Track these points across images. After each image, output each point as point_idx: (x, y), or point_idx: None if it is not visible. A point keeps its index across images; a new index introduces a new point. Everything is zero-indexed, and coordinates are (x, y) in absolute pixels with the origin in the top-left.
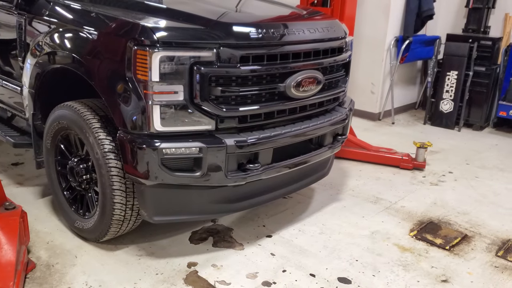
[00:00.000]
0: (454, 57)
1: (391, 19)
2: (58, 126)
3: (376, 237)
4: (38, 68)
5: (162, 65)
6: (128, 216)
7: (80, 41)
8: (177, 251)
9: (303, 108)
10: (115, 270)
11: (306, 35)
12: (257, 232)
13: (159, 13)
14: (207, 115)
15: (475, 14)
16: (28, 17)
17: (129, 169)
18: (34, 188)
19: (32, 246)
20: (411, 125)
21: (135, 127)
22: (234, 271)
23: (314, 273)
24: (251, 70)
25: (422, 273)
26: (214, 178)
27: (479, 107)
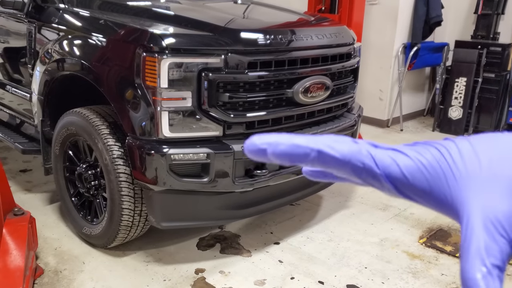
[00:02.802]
0: (463, 63)
1: (399, 25)
2: (66, 132)
3: (385, 244)
4: (47, 75)
5: (171, 72)
6: (136, 222)
7: (89, 48)
8: (184, 258)
9: (311, 114)
10: (122, 276)
11: (314, 41)
12: (265, 239)
13: (167, 20)
14: (215, 121)
15: (484, 20)
16: (38, 24)
17: (137, 175)
18: (42, 194)
19: (40, 252)
20: (419, 132)
21: (144, 133)
22: (242, 278)
23: (322, 281)
24: (259, 76)
25: (432, 281)
26: (221, 184)
27: (489, 114)
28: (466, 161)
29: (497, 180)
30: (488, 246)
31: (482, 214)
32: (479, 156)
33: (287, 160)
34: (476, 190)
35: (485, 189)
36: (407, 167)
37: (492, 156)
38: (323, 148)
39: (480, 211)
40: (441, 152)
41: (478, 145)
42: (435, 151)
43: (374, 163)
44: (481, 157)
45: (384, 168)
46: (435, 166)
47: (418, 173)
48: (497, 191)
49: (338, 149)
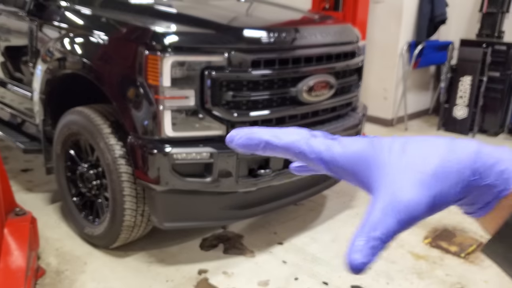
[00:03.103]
0: (468, 62)
1: (403, 24)
2: (68, 131)
3: (389, 245)
4: (48, 74)
5: (173, 70)
6: (139, 222)
7: (90, 47)
8: (187, 258)
9: (315, 113)
10: (124, 277)
11: (318, 39)
12: (268, 239)
13: (170, 18)
14: (218, 120)
15: (489, 19)
16: (39, 23)
17: (140, 174)
18: (43, 194)
19: (42, 253)
20: (424, 131)
21: (146, 132)
22: (245, 278)
23: (326, 281)
24: (262, 74)
25: (437, 281)
26: (224, 184)
27: (494, 113)
28: (391, 154)
29: (410, 173)
30: (381, 221)
31: (387, 197)
32: (404, 152)
33: (246, 149)
34: (390, 176)
35: (398, 178)
36: (338, 152)
37: (414, 153)
38: (269, 139)
39: (385, 194)
40: (373, 144)
41: (408, 144)
42: (368, 142)
43: (308, 149)
44: (405, 153)
45: (317, 153)
46: (362, 153)
47: (345, 158)
48: (408, 182)
49: (281, 138)
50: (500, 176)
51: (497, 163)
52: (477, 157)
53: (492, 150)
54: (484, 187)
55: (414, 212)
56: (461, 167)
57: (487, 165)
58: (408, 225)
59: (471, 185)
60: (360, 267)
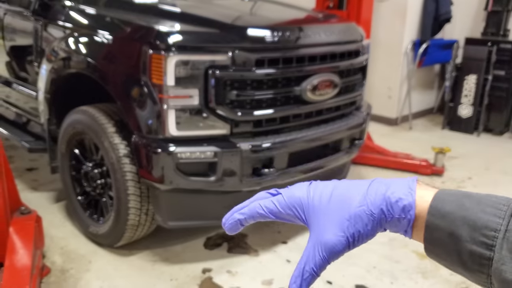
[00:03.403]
0: (473, 61)
1: (408, 22)
2: (73, 131)
3: (394, 244)
4: (53, 73)
5: (177, 69)
6: (143, 221)
7: (95, 46)
8: (191, 257)
9: (319, 112)
10: (129, 276)
11: (322, 38)
12: (272, 239)
13: (174, 17)
14: (222, 119)
15: (494, 17)
16: (44, 22)
17: (144, 173)
18: (48, 193)
19: (47, 251)
20: (429, 130)
21: (150, 131)
22: (249, 277)
23: (330, 280)
24: (266, 73)
25: (441, 281)
26: (228, 183)
27: (499, 111)
28: (321, 200)
29: (332, 218)
30: (310, 257)
31: (316, 237)
32: (331, 198)
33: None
34: (319, 220)
35: (324, 221)
36: (281, 204)
37: (337, 200)
38: (239, 217)
39: (315, 235)
40: (309, 191)
41: (335, 190)
42: (306, 190)
43: (262, 210)
44: (331, 200)
45: (269, 210)
46: (301, 200)
47: (287, 207)
48: (329, 225)
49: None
50: (403, 210)
51: (399, 201)
52: (384, 199)
53: (396, 189)
54: (395, 220)
55: (334, 250)
56: (372, 210)
57: (391, 203)
58: (332, 259)
59: (383, 222)
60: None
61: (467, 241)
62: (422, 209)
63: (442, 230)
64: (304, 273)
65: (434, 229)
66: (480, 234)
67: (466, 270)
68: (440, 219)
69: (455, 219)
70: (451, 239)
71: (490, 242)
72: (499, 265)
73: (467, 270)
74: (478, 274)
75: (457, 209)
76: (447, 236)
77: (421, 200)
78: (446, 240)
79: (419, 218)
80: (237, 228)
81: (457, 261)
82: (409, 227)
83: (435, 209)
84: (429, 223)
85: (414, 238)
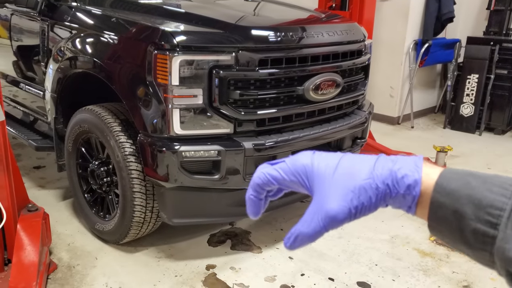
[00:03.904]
0: (475, 60)
1: (410, 22)
2: (79, 129)
3: (395, 242)
4: (60, 73)
5: (182, 69)
6: (148, 218)
7: (101, 46)
8: (195, 254)
9: (321, 111)
10: (134, 272)
11: (325, 38)
12: (275, 236)
13: (178, 17)
14: (226, 118)
15: (497, 16)
16: (51, 23)
17: (149, 171)
18: (55, 190)
19: (54, 248)
20: (430, 129)
21: (155, 130)
22: (253, 274)
23: (333, 277)
24: (269, 73)
25: (443, 278)
26: (232, 181)
27: (501, 110)
28: (327, 169)
29: (338, 188)
30: (309, 221)
31: (318, 204)
32: (337, 168)
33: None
34: (323, 188)
35: (328, 190)
36: (285, 170)
37: (343, 171)
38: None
39: (317, 202)
40: (314, 158)
41: (342, 161)
42: (311, 157)
43: (266, 177)
44: (337, 170)
45: (273, 177)
46: (306, 166)
47: (290, 174)
48: (333, 194)
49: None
50: (409, 187)
51: (405, 177)
52: (391, 174)
53: (402, 165)
54: (399, 196)
55: (335, 219)
56: (378, 184)
57: (397, 179)
58: (330, 227)
59: (387, 197)
60: (289, 249)
61: (472, 219)
62: (428, 186)
63: (446, 207)
64: (299, 234)
65: (438, 207)
66: (485, 212)
67: (469, 248)
68: (445, 197)
69: (460, 197)
70: (455, 217)
71: (494, 221)
72: (503, 244)
73: (470, 248)
74: (481, 252)
75: (463, 187)
76: (451, 213)
77: (427, 178)
78: (450, 217)
79: (424, 195)
80: (257, 207)
81: (460, 239)
82: (413, 204)
83: (440, 186)
84: (434, 200)
85: (417, 215)
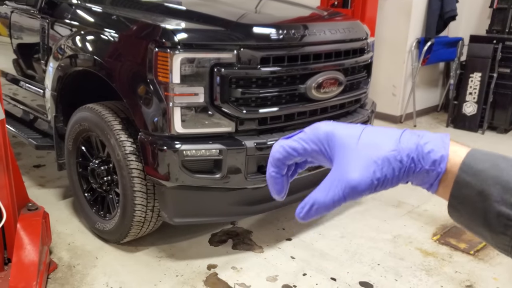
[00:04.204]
0: (478, 58)
1: (412, 20)
2: (79, 128)
3: (398, 241)
4: (60, 71)
5: (183, 67)
6: (149, 217)
7: (101, 44)
8: (197, 253)
9: (324, 110)
10: (135, 272)
11: (327, 36)
12: (277, 235)
13: (179, 15)
14: (227, 117)
15: (500, 15)
16: (51, 20)
17: (150, 170)
18: (55, 189)
19: (54, 247)
20: (433, 128)
21: (156, 129)
22: (254, 273)
23: (335, 277)
24: (271, 71)
25: (445, 278)
26: (233, 180)
27: (504, 109)
28: (350, 138)
29: (361, 158)
30: (327, 189)
31: (338, 173)
32: (361, 138)
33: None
34: (345, 156)
35: (350, 159)
36: (304, 139)
37: (367, 141)
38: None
39: (338, 170)
40: (334, 126)
41: (365, 132)
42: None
43: (286, 149)
44: (361, 139)
45: (292, 147)
46: (323, 135)
47: (311, 142)
48: (356, 164)
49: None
50: (434, 162)
51: (432, 152)
52: (417, 148)
53: (429, 140)
54: (423, 172)
55: (356, 190)
56: (403, 156)
57: (423, 154)
58: (350, 198)
59: (410, 171)
60: (302, 220)
61: (497, 201)
62: (454, 164)
63: (472, 187)
64: (315, 203)
65: (463, 186)
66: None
67: (489, 230)
68: (471, 176)
69: (487, 178)
70: (480, 198)
71: None
72: None
73: (490, 230)
74: (501, 236)
75: (491, 168)
76: (476, 194)
77: (454, 155)
78: (474, 198)
79: (449, 173)
80: (280, 185)
81: (481, 221)
82: (436, 181)
83: (467, 165)
84: (460, 179)
85: (438, 194)
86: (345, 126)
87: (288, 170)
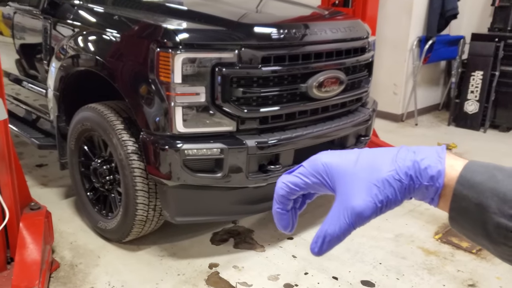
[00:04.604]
0: (480, 57)
1: (413, 19)
2: (82, 127)
3: (400, 240)
4: (62, 71)
5: (184, 67)
6: (151, 216)
7: (103, 44)
8: (198, 252)
9: (325, 109)
10: (137, 271)
11: (328, 35)
12: (278, 234)
13: (181, 15)
14: (229, 116)
15: (502, 13)
16: (53, 21)
17: (152, 170)
18: (58, 189)
19: (56, 246)
20: (434, 127)
21: (158, 128)
22: (256, 272)
23: (336, 276)
24: (272, 71)
25: (448, 277)
26: (235, 179)
27: (506, 108)
28: (346, 164)
29: (361, 183)
30: (335, 220)
31: (342, 201)
32: (357, 162)
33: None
34: (346, 184)
35: (351, 186)
36: (304, 174)
37: (365, 165)
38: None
39: (342, 199)
40: (331, 156)
41: (361, 155)
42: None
43: (288, 186)
44: (357, 163)
45: (294, 183)
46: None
47: (311, 176)
48: (357, 190)
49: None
50: (432, 178)
51: (428, 168)
52: (413, 165)
53: (425, 156)
54: (422, 188)
55: (362, 215)
56: (401, 175)
57: (420, 170)
58: (358, 225)
59: (411, 188)
60: (317, 255)
61: (495, 213)
62: (451, 178)
63: (470, 200)
64: (327, 236)
65: (461, 199)
66: (510, 207)
67: (490, 242)
68: (468, 189)
69: (485, 190)
70: (478, 210)
71: None
72: None
73: (491, 242)
74: (503, 247)
75: (488, 180)
76: (474, 206)
77: (451, 169)
78: (473, 210)
79: (447, 187)
80: (286, 220)
81: (481, 233)
82: (436, 195)
83: (464, 178)
84: (457, 192)
85: (439, 207)
86: (341, 154)
87: (296, 203)
